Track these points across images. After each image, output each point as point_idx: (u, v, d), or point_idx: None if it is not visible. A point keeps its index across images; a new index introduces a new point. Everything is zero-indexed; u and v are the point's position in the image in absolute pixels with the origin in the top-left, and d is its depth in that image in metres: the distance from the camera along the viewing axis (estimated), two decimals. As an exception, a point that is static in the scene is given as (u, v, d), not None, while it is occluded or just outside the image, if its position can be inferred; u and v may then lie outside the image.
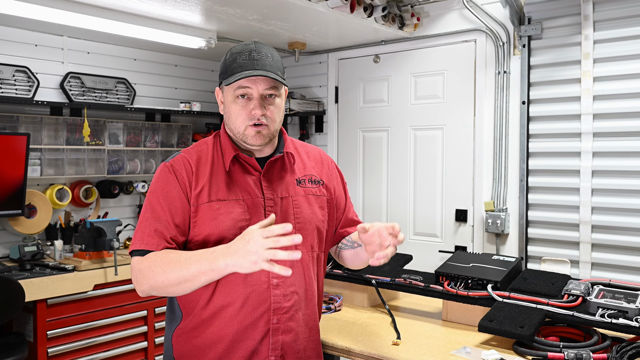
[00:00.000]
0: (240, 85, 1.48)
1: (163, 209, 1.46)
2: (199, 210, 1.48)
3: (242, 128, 1.51)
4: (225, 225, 1.47)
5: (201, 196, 1.48)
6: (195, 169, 1.51)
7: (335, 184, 1.71)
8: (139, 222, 1.48)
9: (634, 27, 2.87)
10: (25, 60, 3.36)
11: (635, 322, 1.61)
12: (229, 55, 1.53)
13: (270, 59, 1.51)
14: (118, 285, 3.17)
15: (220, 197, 1.49)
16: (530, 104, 3.25)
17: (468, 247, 3.55)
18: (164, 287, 1.38)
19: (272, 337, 1.50)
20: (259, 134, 1.50)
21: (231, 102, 1.52)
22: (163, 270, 1.36)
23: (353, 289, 2.23)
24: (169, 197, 1.48)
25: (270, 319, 1.49)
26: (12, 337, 2.87)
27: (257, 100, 1.49)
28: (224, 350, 1.48)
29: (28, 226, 3.35)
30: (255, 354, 1.49)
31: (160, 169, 1.53)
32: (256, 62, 1.49)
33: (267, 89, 1.50)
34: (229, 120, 1.54)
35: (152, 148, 3.96)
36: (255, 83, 1.48)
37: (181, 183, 1.49)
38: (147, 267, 1.39)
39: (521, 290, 1.91)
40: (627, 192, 2.93)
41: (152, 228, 1.44)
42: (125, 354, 3.23)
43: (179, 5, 2.95)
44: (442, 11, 3.60)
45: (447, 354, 1.68)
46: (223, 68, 1.54)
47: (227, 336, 1.48)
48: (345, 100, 4.19)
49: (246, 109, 1.50)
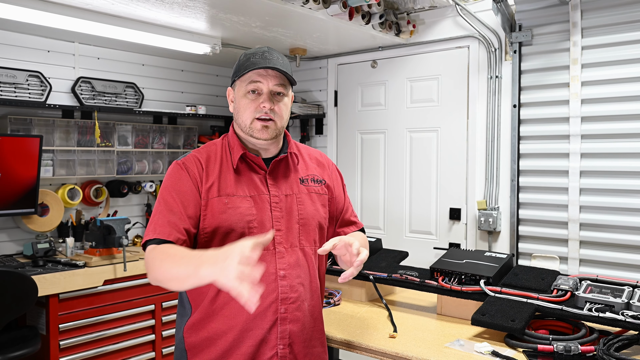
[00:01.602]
0: (252, 80, 1.52)
1: (176, 202, 1.48)
2: (209, 204, 1.50)
3: (249, 121, 1.54)
4: (234, 218, 1.49)
5: (211, 191, 1.51)
6: (205, 166, 1.54)
7: (336, 185, 1.73)
8: (152, 215, 1.50)
9: (620, 33, 2.87)
10: (38, 65, 3.36)
11: (622, 316, 1.61)
12: (243, 56, 1.58)
13: (282, 61, 1.56)
14: (127, 281, 3.17)
15: (229, 193, 1.52)
16: (521, 107, 3.25)
17: (461, 244, 3.55)
18: (163, 280, 1.37)
19: (280, 326, 1.51)
20: (265, 128, 1.53)
21: (241, 96, 1.55)
22: (161, 263, 1.36)
23: (352, 284, 2.23)
24: (181, 191, 1.50)
25: (278, 309, 1.50)
26: (26, 330, 2.87)
27: (267, 95, 1.53)
28: (234, 339, 1.49)
29: (41, 224, 3.35)
30: (264, 342, 1.49)
31: (172, 167, 1.55)
32: (268, 61, 1.52)
33: (276, 85, 1.53)
34: (238, 114, 1.57)
35: (160, 149, 3.96)
36: (266, 78, 1.52)
37: (193, 178, 1.52)
38: (151, 259, 1.40)
39: (512, 286, 1.91)
40: (614, 192, 2.93)
41: (165, 219, 1.46)
42: (134, 347, 3.23)
43: (185, 13, 2.95)
44: (437, 18, 3.60)
45: (442, 346, 1.68)
46: (236, 67, 1.59)
47: (236, 326, 1.49)
48: (344, 103, 4.19)
49: (255, 103, 1.53)
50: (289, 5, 2.82)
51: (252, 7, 2.85)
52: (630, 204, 2.87)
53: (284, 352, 1.51)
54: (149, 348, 3.31)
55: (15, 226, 3.33)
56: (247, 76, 1.53)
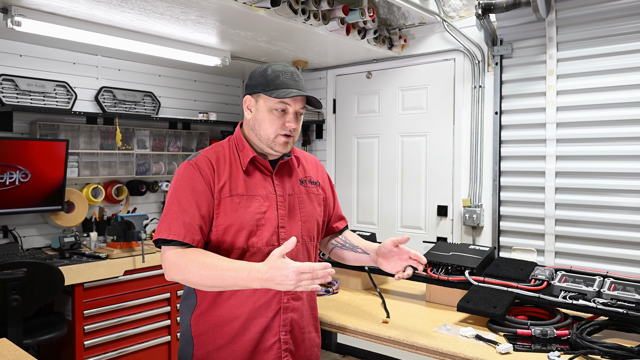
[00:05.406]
0: (283, 102, 1.48)
1: (190, 202, 1.43)
2: (221, 203, 1.46)
3: (272, 135, 1.50)
4: (245, 217, 1.47)
5: (223, 191, 1.47)
6: (216, 167, 1.50)
7: (327, 186, 1.74)
8: (165, 213, 1.44)
9: (591, 47, 2.87)
10: (64, 76, 3.36)
11: (593, 303, 1.61)
12: (270, 71, 1.50)
13: (304, 83, 1.54)
14: (145, 271, 3.17)
15: (240, 193, 1.49)
16: (502, 114, 3.24)
17: (448, 238, 3.55)
18: (195, 284, 1.39)
19: (282, 314, 1.50)
20: (286, 143, 1.52)
21: (267, 111, 1.50)
22: (199, 271, 1.35)
23: (348, 274, 2.23)
24: (195, 191, 1.45)
25: (282, 299, 1.50)
26: (54, 316, 2.88)
27: (293, 115, 1.51)
28: (240, 326, 1.48)
29: (67, 220, 3.35)
30: (268, 329, 1.49)
31: (184, 167, 1.49)
32: (298, 84, 1.51)
33: (301, 108, 1.52)
34: (260, 127, 1.51)
35: (175, 152, 3.96)
36: (295, 102, 1.50)
37: (205, 178, 1.47)
38: (184, 264, 1.37)
39: (494, 276, 1.91)
40: (586, 191, 2.93)
41: (180, 220, 1.41)
42: (151, 331, 3.23)
43: (198, 29, 2.95)
44: (426, 34, 3.60)
45: (430, 330, 1.68)
46: (263, 81, 1.50)
47: (242, 314, 1.48)
48: (342, 111, 4.19)
49: (281, 120, 1.50)
50: (292, 22, 2.82)
51: (258, 23, 2.85)
52: (601, 201, 2.87)
53: (285, 337, 1.51)
54: (165, 332, 3.31)
55: (44, 222, 3.33)
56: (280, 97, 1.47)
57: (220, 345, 1.49)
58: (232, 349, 1.48)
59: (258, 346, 1.48)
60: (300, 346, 1.56)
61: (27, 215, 3.24)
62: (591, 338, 1.48)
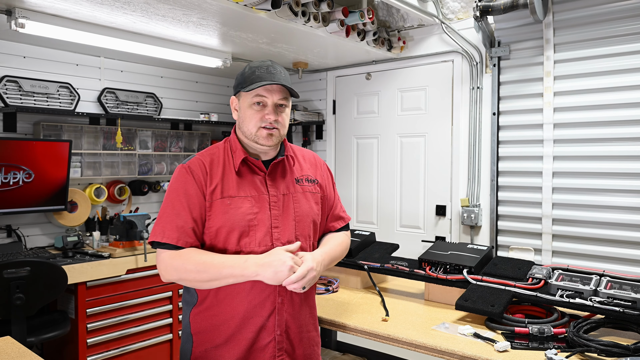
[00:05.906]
0: (258, 94, 1.49)
1: (182, 205, 1.45)
2: (213, 205, 1.46)
3: (254, 130, 1.50)
4: (236, 218, 1.46)
5: (215, 193, 1.47)
6: (209, 169, 1.50)
7: (327, 184, 1.71)
8: (160, 216, 1.47)
9: (588, 49, 2.87)
10: (68, 77, 3.36)
11: (590, 302, 1.61)
12: (247, 68, 1.53)
13: (284, 75, 1.53)
14: (147, 270, 3.16)
15: (231, 194, 1.48)
16: (499, 115, 3.25)
17: (446, 237, 3.55)
18: (192, 281, 1.41)
19: (277, 314, 1.50)
20: (270, 136, 1.51)
21: (247, 107, 1.51)
22: (196, 269, 1.38)
23: (348, 273, 2.23)
24: (187, 194, 1.46)
25: (276, 299, 1.49)
26: (57, 314, 2.87)
27: (271, 107, 1.50)
28: (236, 325, 1.48)
29: (70, 219, 3.35)
30: (264, 329, 1.49)
31: (178, 170, 1.51)
32: (273, 75, 1.49)
33: (280, 99, 1.50)
34: (243, 123, 1.53)
35: (176, 153, 3.96)
36: (271, 93, 1.49)
37: (197, 182, 1.47)
38: (180, 264, 1.40)
39: (492, 274, 1.91)
40: (583, 190, 2.93)
41: (173, 224, 1.43)
42: (153, 329, 3.22)
43: (199, 31, 2.95)
44: (425, 35, 3.60)
45: (429, 328, 1.68)
46: (241, 79, 1.53)
47: (239, 314, 1.47)
48: (342, 111, 4.19)
49: (260, 113, 1.50)
50: (292, 24, 2.82)
51: (259, 25, 2.85)
52: (597, 201, 2.87)
53: (280, 337, 1.50)
54: (166, 330, 3.31)
55: (47, 221, 3.33)
56: (253, 90, 1.49)
57: (218, 343, 1.49)
58: (229, 347, 1.48)
59: (254, 345, 1.48)
60: (298, 345, 1.55)
61: (31, 215, 3.24)
62: (588, 336, 1.48)
